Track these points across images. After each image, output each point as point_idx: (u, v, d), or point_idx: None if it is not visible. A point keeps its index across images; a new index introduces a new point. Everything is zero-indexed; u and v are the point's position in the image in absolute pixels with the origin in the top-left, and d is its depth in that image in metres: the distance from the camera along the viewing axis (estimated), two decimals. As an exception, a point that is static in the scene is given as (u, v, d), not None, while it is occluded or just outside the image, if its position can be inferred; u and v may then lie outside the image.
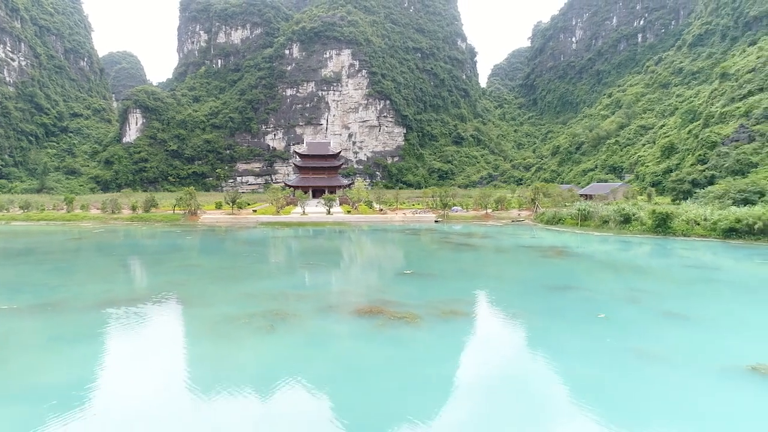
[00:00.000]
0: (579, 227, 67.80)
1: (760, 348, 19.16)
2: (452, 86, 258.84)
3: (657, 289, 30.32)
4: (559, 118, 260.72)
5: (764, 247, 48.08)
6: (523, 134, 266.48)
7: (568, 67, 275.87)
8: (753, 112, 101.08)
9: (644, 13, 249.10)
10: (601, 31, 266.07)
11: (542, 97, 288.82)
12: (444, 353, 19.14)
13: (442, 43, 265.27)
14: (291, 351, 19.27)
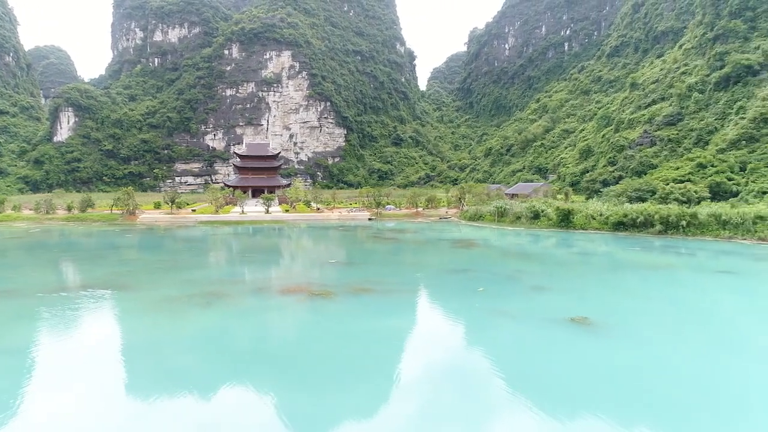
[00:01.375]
0: (496, 223, 74.82)
1: (584, 307, 25.43)
2: (392, 89, 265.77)
3: (536, 270, 36.74)
4: (494, 121, 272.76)
5: (642, 238, 56.21)
6: (460, 136, 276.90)
7: (502, 72, 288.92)
8: (655, 119, 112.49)
9: (570, 23, 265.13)
10: (532, 39, 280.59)
11: (478, 100, 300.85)
12: (349, 317, 24.21)
13: (381, 47, 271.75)
14: (224, 320, 23.74)
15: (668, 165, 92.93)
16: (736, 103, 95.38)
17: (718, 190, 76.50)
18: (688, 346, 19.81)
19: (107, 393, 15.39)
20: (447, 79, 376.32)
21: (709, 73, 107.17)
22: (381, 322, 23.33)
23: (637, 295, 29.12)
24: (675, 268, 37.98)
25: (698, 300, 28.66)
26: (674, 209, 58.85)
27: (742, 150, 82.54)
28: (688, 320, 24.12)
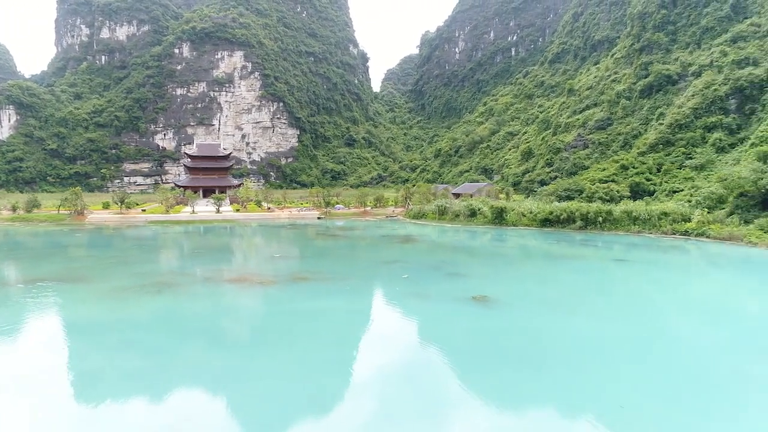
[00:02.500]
0: (437, 221, 79.68)
1: (487, 288, 29.97)
2: (345, 90, 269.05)
3: (458, 260, 41.31)
4: (445, 122, 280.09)
5: (565, 233, 62.06)
6: (412, 137, 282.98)
7: (452, 75, 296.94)
8: (588, 123, 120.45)
9: (517, 29, 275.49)
10: (481, 44, 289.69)
11: (430, 102, 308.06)
12: (284, 299, 27.84)
13: (334, 48, 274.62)
14: (174, 303, 26.93)
15: (597, 166, 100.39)
16: (657, 110, 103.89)
17: (638, 190, 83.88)
18: (557, 315, 24.49)
19: (66, 363, 18.54)
20: (400, 81, 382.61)
21: (635, 82, 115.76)
22: (313, 303, 27.05)
23: (536, 278, 34.03)
24: (579, 258, 43.41)
25: (584, 281, 33.77)
26: (593, 207, 65.09)
27: (659, 153, 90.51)
28: (569, 297, 29.00)
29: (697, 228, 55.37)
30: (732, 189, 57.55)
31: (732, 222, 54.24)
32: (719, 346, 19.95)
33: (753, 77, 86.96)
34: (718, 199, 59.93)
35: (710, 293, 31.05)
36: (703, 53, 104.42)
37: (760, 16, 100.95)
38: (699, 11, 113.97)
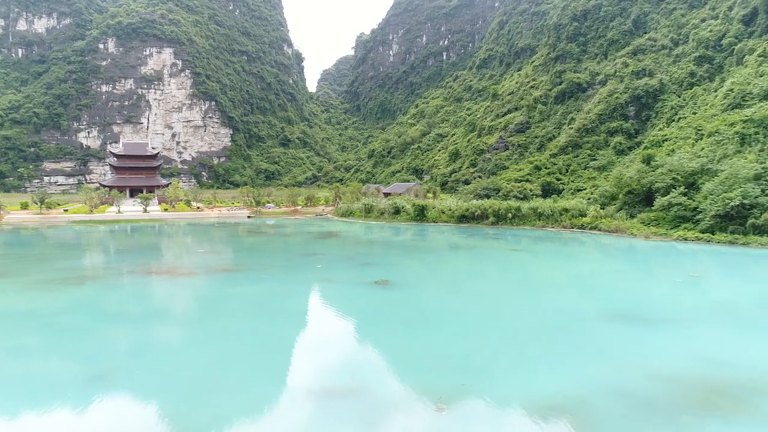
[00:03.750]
0: (364, 218, 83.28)
1: (391, 274, 33.67)
2: (279, 90, 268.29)
3: (372, 252, 44.95)
4: (379, 123, 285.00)
5: (479, 228, 67.17)
6: (347, 138, 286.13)
7: (387, 77, 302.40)
8: (509, 127, 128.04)
9: (448, 34, 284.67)
10: (414, 47, 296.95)
11: (365, 103, 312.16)
12: (203, 287, 30.28)
13: (268, 48, 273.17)
14: (96, 292, 28.75)
15: (514, 167, 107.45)
16: (569, 115, 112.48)
17: (549, 189, 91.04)
18: (444, 293, 28.47)
19: (-2, 337, 20.44)
20: (336, 81, 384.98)
21: (551, 88, 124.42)
22: (231, 289, 29.69)
23: (437, 265, 38.18)
24: (482, 248, 48.17)
25: (478, 268, 38.21)
26: (504, 204, 70.76)
27: (568, 155, 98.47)
28: (460, 280, 33.18)
29: (591, 222, 61.91)
30: (621, 187, 64.59)
31: (620, 216, 61.04)
32: (566, 312, 24.36)
33: (648, 87, 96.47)
34: (611, 196, 66.93)
35: (577, 274, 36.12)
36: (609, 64, 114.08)
37: (657, 31, 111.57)
38: (606, 25, 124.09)
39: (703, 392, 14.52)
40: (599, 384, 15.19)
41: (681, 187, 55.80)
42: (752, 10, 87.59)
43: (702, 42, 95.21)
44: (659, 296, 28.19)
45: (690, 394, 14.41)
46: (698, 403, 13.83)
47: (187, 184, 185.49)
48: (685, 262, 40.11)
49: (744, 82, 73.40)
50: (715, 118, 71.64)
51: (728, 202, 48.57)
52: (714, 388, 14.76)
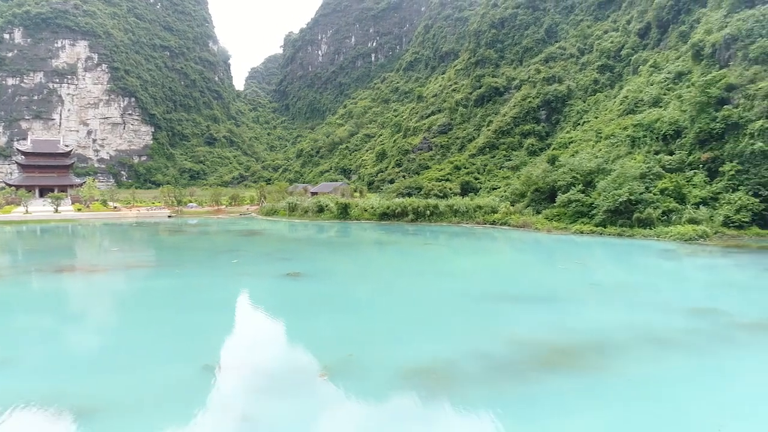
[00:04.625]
0: (288, 217, 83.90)
1: (304, 267, 35.17)
2: (204, 87, 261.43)
3: (291, 249, 46.21)
4: (309, 123, 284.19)
5: (399, 225, 69.70)
6: (276, 137, 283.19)
7: (316, 77, 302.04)
8: (432, 128, 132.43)
9: (376, 36, 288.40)
10: (343, 48, 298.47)
11: (294, 103, 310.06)
12: (115, 282, 30.46)
13: (192, 44, 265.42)
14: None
15: (436, 167, 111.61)
16: (487, 118, 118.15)
17: (467, 187, 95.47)
18: (350, 283, 30.35)
19: None
20: (265, 80, 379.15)
21: (471, 92, 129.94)
22: (141, 283, 30.09)
23: (350, 259, 40.09)
24: (397, 243, 50.63)
25: (388, 260, 40.50)
26: (422, 202, 73.86)
27: (486, 155, 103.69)
28: (368, 271, 35.24)
29: (502, 218, 66.03)
30: (529, 186, 69.34)
31: (527, 212, 65.59)
32: (459, 294, 26.86)
33: (558, 92, 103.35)
34: (521, 194, 71.60)
35: (478, 263, 39.17)
36: (523, 69, 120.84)
37: (566, 41, 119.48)
38: (521, 33, 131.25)
39: (549, 353, 17.16)
40: (467, 349, 17.52)
41: (579, 185, 60.92)
42: (646, 24, 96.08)
43: (604, 52, 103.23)
44: (543, 280, 31.48)
45: (538, 355, 17.01)
46: (542, 361, 16.41)
47: (105, 184, 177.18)
48: (575, 252, 44.27)
49: (637, 90, 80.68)
50: (612, 122, 78.35)
51: (617, 199, 53.74)
52: (559, 350, 17.47)
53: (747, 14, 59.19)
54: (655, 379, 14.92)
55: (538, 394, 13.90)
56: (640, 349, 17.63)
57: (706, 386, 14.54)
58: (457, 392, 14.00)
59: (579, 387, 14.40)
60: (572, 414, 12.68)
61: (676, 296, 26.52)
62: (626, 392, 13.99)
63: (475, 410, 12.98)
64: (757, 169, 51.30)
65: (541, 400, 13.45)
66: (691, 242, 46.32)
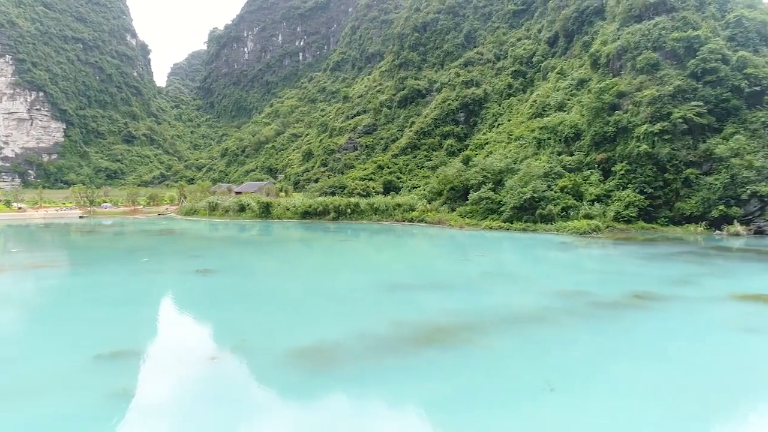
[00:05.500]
0: (208, 216, 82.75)
1: (215, 264, 35.56)
2: (122, 83, 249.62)
3: (204, 247, 46.26)
4: (235, 122, 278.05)
5: (321, 223, 70.80)
6: (200, 135, 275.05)
7: (242, 75, 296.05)
8: (358, 128, 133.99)
9: (304, 35, 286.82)
10: (270, 46, 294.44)
11: (219, 100, 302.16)
12: (14, 281, 29.63)
13: (108, 37, 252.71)
14: None
15: (361, 167, 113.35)
16: (410, 119, 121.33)
17: (390, 187, 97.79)
18: (257, 277, 31.21)
19: None
20: (188, 77, 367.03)
21: (395, 93, 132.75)
22: (44, 282, 29.46)
23: (262, 255, 40.87)
24: (313, 240, 51.79)
25: (301, 256, 41.61)
26: (343, 201, 75.34)
27: (408, 155, 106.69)
28: (278, 267, 36.17)
29: (419, 215, 68.72)
30: (445, 185, 72.49)
31: (443, 210, 68.66)
32: (361, 285, 28.45)
33: (475, 96, 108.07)
34: (438, 192, 74.66)
35: (387, 257, 41.11)
36: (444, 73, 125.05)
37: (484, 46, 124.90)
38: (442, 37, 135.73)
39: (429, 331, 19.00)
40: (355, 331, 19.03)
41: (490, 184, 64.58)
42: (555, 33, 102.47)
43: (518, 58, 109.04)
44: (444, 272, 33.76)
45: (419, 333, 18.80)
46: (421, 339, 18.20)
47: (10, 184, 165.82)
48: (482, 246, 47.26)
49: (545, 95, 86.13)
50: (522, 125, 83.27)
51: (522, 196, 57.60)
52: (438, 329, 19.36)
53: (635, 28, 65.11)
54: (510, 349, 17.11)
55: (411, 364, 15.60)
56: (508, 325, 19.89)
57: (550, 353, 16.85)
58: (336, 366, 15.46)
59: (447, 357, 16.25)
60: (437, 379, 14.43)
61: (555, 281, 29.47)
62: (484, 360, 15.99)
63: (350, 380, 14.49)
64: (643, 169, 56.66)
65: (412, 369, 15.14)
66: (585, 235, 50.59)
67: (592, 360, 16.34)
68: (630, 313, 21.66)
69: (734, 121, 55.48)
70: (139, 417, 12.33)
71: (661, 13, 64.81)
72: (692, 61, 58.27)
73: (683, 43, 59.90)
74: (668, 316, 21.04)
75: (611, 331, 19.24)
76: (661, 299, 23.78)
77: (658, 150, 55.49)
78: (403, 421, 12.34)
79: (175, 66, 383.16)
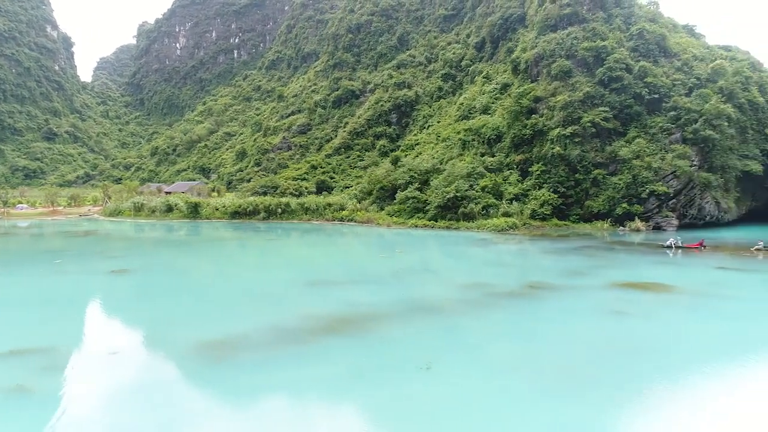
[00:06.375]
0: (134, 217, 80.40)
1: (131, 264, 35.31)
2: (41, 77, 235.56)
3: (123, 248, 45.44)
4: (166, 120, 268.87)
5: (251, 223, 70.46)
6: (128, 133, 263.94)
7: (174, 71, 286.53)
8: (292, 128, 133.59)
9: (239, 32, 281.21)
10: (203, 42, 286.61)
11: (149, 97, 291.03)
12: None
13: (26, 28, 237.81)
14: None
15: (294, 166, 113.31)
16: (344, 119, 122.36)
17: (323, 186, 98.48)
18: (177, 276, 31.36)
19: None
20: (117, 72, 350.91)
21: (329, 93, 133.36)
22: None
23: (183, 256, 40.82)
24: (238, 240, 51.97)
25: (223, 255, 41.84)
26: (274, 200, 75.45)
27: (342, 155, 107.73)
28: (198, 265, 36.37)
29: (349, 215, 69.93)
30: (375, 184, 74.09)
31: (372, 209, 70.23)
32: (279, 281, 29.29)
33: (407, 97, 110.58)
34: (368, 192, 76.17)
35: (310, 255, 42.10)
36: (378, 74, 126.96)
37: (416, 49, 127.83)
38: (376, 39, 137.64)
39: (333, 322, 20.21)
40: (264, 324, 19.98)
41: (417, 183, 66.74)
42: (482, 39, 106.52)
43: (448, 62, 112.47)
44: (362, 268, 35.14)
45: (325, 324, 19.95)
46: (324, 329, 19.38)
47: None
48: (405, 243, 49.04)
49: (471, 98, 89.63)
50: (450, 127, 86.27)
51: (446, 195, 60.01)
52: (342, 320, 20.62)
53: (550, 37, 69.17)
54: (402, 335, 18.63)
55: (309, 351, 16.74)
56: (407, 315, 21.43)
57: (437, 338, 18.51)
58: (238, 356, 16.38)
59: (342, 344, 17.53)
60: (329, 363, 15.61)
61: (463, 275, 31.51)
62: (375, 346, 17.41)
63: (249, 367, 15.46)
64: (557, 169, 60.48)
65: (309, 355, 16.28)
66: (503, 233, 53.53)
67: (473, 342, 18.11)
68: (520, 301, 23.79)
69: (636, 126, 60.26)
70: (32, 412, 12.77)
71: (574, 24, 69.18)
72: (600, 70, 62.77)
73: (592, 52, 64.35)
74: (552, 303, 23.31)
75: (497, 317, 21.19)
76: (553, 288, 26.15)
77: (570, 152, 59.44)
78: (293, 400, 13.45)
79: (102, 60, 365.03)
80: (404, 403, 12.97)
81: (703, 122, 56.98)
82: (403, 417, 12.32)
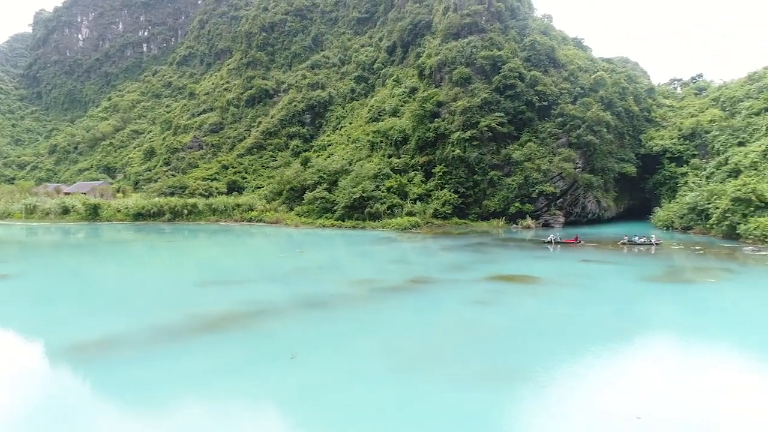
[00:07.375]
0: (25, 219, 75.59)
1: (13, 269, 33.92)
2: None
3: (6, 252, 43.13)
4: (68, 115, 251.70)
5: (155, 225, 68.66)
6: (23, 130, 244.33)
7: (75, 64, 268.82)
8: (204, 126, 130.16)
9: (148, 25, 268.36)
10: (108, 34, 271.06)
11: (48, 91, 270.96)
12: None
13: None
14: None
15: (205, 166, 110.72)
16: (257, 119, 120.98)
17: (234, 187, 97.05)
18: (64, 280, 30.63)
19: None
20: (10, 62, 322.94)
21: (242, 92, 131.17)
22: None
23: (71, 259, 39.58)
24: (137, 242, 50.84)
25: (116, 258, 41.01)
26: (180, 201, 73.88)
27: (254, 155, 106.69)
28: (87, 269, 35.56)
29: (258, 215, 70.00)
30: (284, 185, 74.48)
31: (282, 209, 70.67)
32: (172, 282, 29.45)
33: (321, 98, 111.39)
34: (278, 192, 76.43)
35: (208, 256, 42.20)
36: (292, 74, 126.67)
37: (330, 50, 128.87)
38: (290, 39, 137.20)
39: (217, 320, 20.94)
40: (145, 323, 20.35)
41: (325, 184, 67.97)
42: (393, 43, 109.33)
43: (360, 64, 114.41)
44: (261, 267, 35.87)
45: (207, 322, 20.63)
46: (206, 326, 20.08)
47: None
48: (310, 242, 50.12)
49: (381, 100, 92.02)
50: (360, 128, 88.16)
51: (353, 196, 61.72)
52: (226, 317, 21.39)
53: (452, 45, 72.82)
54: (277, 329, 19.81)
55: (185, 348, 17.44)
56: (290, 311, 22.62)
57: (309, 330, 19.86)
58: (111, 355, 16.80)
59: (218, 340, 18.37)
60: (201, 356, 16.40)
61: (356, 272, 33.16)
62: (248, 340, 18.45)
63: (120, 364, 15.97)
64: (457, 171, 63.92)
65: (184, 351, 16.97)
66: (406, 231, 56.00)
67: (343, 333, 19.61)
68: (399, 294, 25.69)
69: (528, 131, 64.99)
70: None
71: (473, 33, 73.24)
72: (496, 77, 67.01)
73: (489, 60, 68.53)
74: (426, 295, 25.40)
75: (372, 309, 22.91)
76: (433, 282, 28.34)
77: (469, 154, 63.06)
78: (160, 391, 14.19)
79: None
80: (262, 389, 14.17)
81: (586, 128, 62.57)
82: (260, 400, 13.53)
